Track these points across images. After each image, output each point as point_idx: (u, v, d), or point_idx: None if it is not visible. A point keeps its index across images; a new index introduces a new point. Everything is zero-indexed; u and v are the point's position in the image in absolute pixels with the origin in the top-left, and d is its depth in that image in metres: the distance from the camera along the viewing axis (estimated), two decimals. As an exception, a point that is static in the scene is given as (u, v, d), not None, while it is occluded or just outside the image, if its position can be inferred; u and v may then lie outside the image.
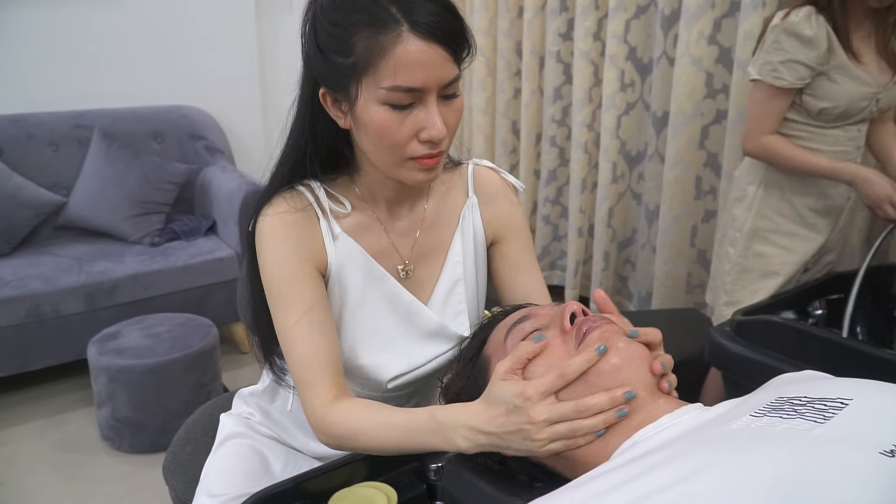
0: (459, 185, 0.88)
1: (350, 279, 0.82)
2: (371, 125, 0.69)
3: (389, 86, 0.66)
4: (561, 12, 2.32)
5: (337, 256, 0.80)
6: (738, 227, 1.46)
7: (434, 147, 0.70)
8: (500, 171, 0.91)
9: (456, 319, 0.87)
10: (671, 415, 0.56)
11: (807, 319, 1.36)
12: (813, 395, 0.49)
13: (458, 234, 0.87)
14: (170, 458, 1.10)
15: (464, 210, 0.87)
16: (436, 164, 0.72)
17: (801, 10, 1.23)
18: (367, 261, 0.82)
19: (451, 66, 0.68)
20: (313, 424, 0.74)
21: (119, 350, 1.81)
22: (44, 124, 2.34)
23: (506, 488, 0.63)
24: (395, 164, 0.72)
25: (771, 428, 0.46)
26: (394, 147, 0.70)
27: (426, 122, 0.68)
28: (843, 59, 1.25)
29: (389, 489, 0.74)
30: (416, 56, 0.65)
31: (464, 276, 0.87)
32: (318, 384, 0.74)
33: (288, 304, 0.76)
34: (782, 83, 1.27)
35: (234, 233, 2.30)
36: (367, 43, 0.66)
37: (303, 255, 0.78)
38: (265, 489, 0.73)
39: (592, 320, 0.62)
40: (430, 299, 0.86)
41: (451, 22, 0.67)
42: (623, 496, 0.44)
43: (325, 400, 0.73)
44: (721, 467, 0.42)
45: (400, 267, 0.84)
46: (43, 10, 2.37)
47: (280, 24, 2.87)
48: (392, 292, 0.83)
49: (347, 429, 0.72)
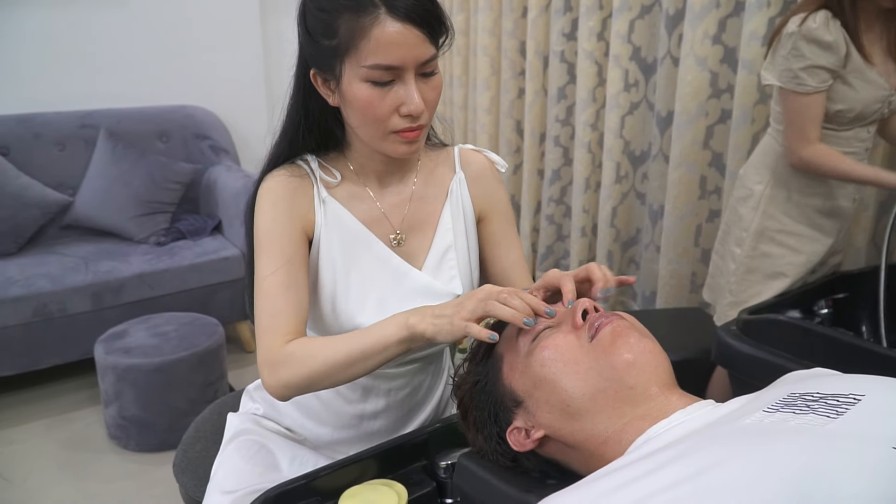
0: (447, 163, 0.94)
1: (336, 243, 0.86)
2: (355, 101, 0.76)
3: (370, 64, 0.72)
4: (565, 12, 2.32)
5: (325, 219, 0.85)
6: (744, 226, 1.46)
7: (414, 121, 0.76)
8: (484, 151, 0.96)
9: (449, 284, 0.90)
10: (684, 411, 0.57)
11: (812, 319, 1.37)
12: (825, 390, 0.50)
13: (448, 206, 0.92)
14: (180, 456, 1.10)
15: (452, 184, 0.93)
16: (417, 137, 0.78)
17: (818, 15, 1.22)
18: (357, 226, 0.87)
19: (428, 46, 0.74)
20: (268, 364, 0.76)
21: (126, 349, 1.82)
22: (50, 124, 2.36)
23: (519, 485, 0.64)
24: (379, 138, 0.78)
25: (784, 423, 0.47)
26: (377, 121, 0.76)
27: (405, 97, 0.75)
28: (859, 63, 1.25)
29: (400, 486, 0.74)
30: (393, 36, 0.72)
31: (454, 243, 0.91)
32: (281, 329, 0.77)
33: (269, 254, 0.81)
34: (806, 89, 1.26)
35: (239, 232, 2.31)
36: (349, 25, 0.72)
37: (292, 216, 0.83)
38: (277, 486, 0.74)
39: (604, 316, 0.63)
40: (422, 267, 0.90)
41: (425, 5, 0.73)
42: (638, 491, 0.44)
43: (286, 340, 0.77)
44: (735, 462, 0.43)
45: (392, 236, 0.89)
46: (49, 10, 2.38)
47: (285, 24, 2.87)
48: (382, 257, 0.87)
49: (304, 349, 0.75)
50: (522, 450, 0.65)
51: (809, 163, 1.31)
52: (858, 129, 1.34)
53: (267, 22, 2.83)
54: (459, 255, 0.91)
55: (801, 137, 1.29)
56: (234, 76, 2.78)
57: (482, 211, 0.95)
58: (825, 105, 1.28)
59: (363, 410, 0.94)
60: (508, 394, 0.66)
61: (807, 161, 1.31)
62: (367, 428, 0.95)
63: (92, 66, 2.50)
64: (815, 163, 1.30)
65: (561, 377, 0.61)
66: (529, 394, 0.64)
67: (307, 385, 0.75)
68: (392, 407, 0.94)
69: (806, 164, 1.32)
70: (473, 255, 0.94)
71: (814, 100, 1.27)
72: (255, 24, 2.79)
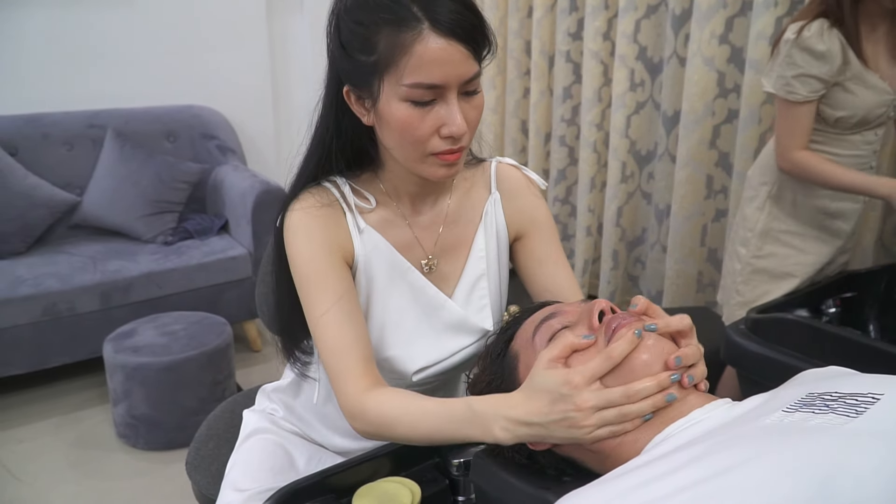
0: (482, 182, 0.90)
1: (375, 272, 0.83)
2: (393, 121, 0.71)
3: (411, 83, 0.68)
4: (571, 12, 2.33)
5: (363, 249, 0.82)
6: (749, 227, 1.46)
7: (455, 143, 0.72)
8: (523, 168, 0.92)
9: (480, 313, 0.88)
10: (701, 409, 0.57)
11: (820, 318, 1.37)
12: (844, 390, 0.50)
13: (482, 229, 0.88)
14: (192, 454, 1.11)
15: (486, 205, 0.88)
16: (457, 160, 0.74)
17: (814, 24, 1.22)
18: (392, 254, 0.83)
19: (472, 63, 0.70)
20: (347, 412, 0.74)
21: (134, 348, 1.83)
22: (58, 124, 2.36)
23: (535, 482, 0.64)
24: (416, 160, 0.74)
25: (805, 423, 0.47)
26: (415, 143, 0.72)
27: (447, 118, 0.70)
28: (859, 69, 1.25)
29: (413, 484, 0.75)
30: (436, 53, 0.67)
31: (487, 271, 0.88)
32: (351, 372, 0.74)
33: (318, 293, 0.77)
34: (796, 97, 1.27)
35: (246, 232, 2.32)
36: (389, 41, 0.68)
37: (331, 248, 0.79)
38: (291, 483, 0.75)
39: (621, 317, 0.63)
40: (453, 293, 0.87)
41: (471, 20, 0.69)
42: (660, 489, 0.44)
43: (359, 387, 0.74)
44: (757, 462, 0.43)
45: (423, 261, 0.86)
46: (57, 11, 2.39)
47: (291, 23, 2.88)
48: (416, 285, 0.85)
49: (383, 415, 0.72)
50: (538, 448, 0.65)
51: (796, 168, 1.32)
52: (865, 132, 1.34)
53: (273, 21, 2.84)
54: (491, 283, 0.88)
55: (788, 143, 1.31)
56: (241, 76, 2.78)
57: (519, 230, 0.90)
58: (814, 115, 1.29)
59: None
60: (524, 392, 0.66)
61: (794, 166, 1.32)
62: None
63: (99, 66, 2.51)
64: (801, 168, 1.31)
65: None
66: (546, 392, 0.64)
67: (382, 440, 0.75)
68: None
69: (793, 169, 1.33)
70: (504, 282, 0.92)
71: (804, 109, 1.28)
72: (261, 23, 2.79)
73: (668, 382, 0.58)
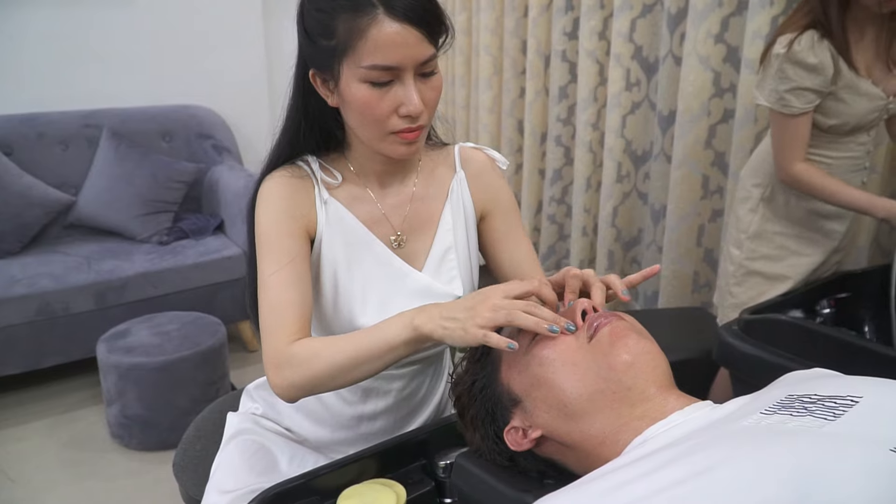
0: (447, 163, 0.94)
1: (340, 244, 0.86)
2: (354, 102, 0.75)
3: (368, 65, 0.72)
4: (566, 11, 2.32)
5: (327, 219, 0.85)
6: (742, 228, 1.46)
7: (413, 121, 0.76)
8: (484, 148, 0.96)
9: (449, 285, 0.90)
10: (681, 412, 0.57)
11: (814, 318, 1.36)
12: (823, 392, 0.50)
13: (448, 205, 0.91)
14: (180, 456, 1.11)
15: (452, 183, 0.92)
16: (416, 138, 0.78)
17: (804, 37, 1.21)
18: (359, 227, 0.86)
19: (426, 46, 0.73)
20: (273, 364, 0.76)
21: (128, 348, 1.83)
22: (54, 123, 2.36)
23: (516, 484, 0.64)
24: (378, 139, 0.78)
25: (782, 425, 0.46)
26: (376, 122, 0.76)
27: (404, 98, 0.74)
28: (850, 79, 1.24)
29: (398, 486, 0.74)
30: (391, 37, 0.71)
31: (455, 243, 0.91)
32: (286, 328, 0.77)
33: (271, 253, 0.81)
34: (792, 110, 1.26)
35: (241, 231, 2.32)
36: (347, 26, 0.72)
37: (294, 215, 0.82)
38: (276, 485, 0.74)
39: (603, 316, 0.63)
40: (423, 268, 0.89)
41: (423, 4, 0.72)
42: (636, 491, 0.44)
43: (289, 339, 0.76)
44: (733, 463, 0.43)
45: (392, 237, 0.89)
46: (53, 10, 2.39)
47: (287, 24, 2.87)
48: (382, 257, 0.87)
49: (308, 350, 0.74)
50: (520, 449, 0.65)
51: (796, 182, 1.32)
52: (858, 134, 1.33)
53: (269, 22, 2.84)
54: (460, 255, 0.91)
55: (787, 156, 1.31)
56: (237, 76, 2.78)
57: (484, 209, 0.94)
58: (811, 124, 1.29)
59: (362, 412, 0.94)
60: (506, 393, 0.66)
61: (794, 180, 1.32)
62: (366, 429, 0.95)
63: (95, 65, 2.51)
64: (801, 182, 1.31)
65: (559, 377, 0.61)
66: (527, 393, 0.64)
67: (312, 387, 0.75)
68: (391, 408, 0.94)
69: (793, 182, 1.33)
70: (474, 255, 0.94)
71: (800, 121, 1.27)
72: (257, 24, 2.79)
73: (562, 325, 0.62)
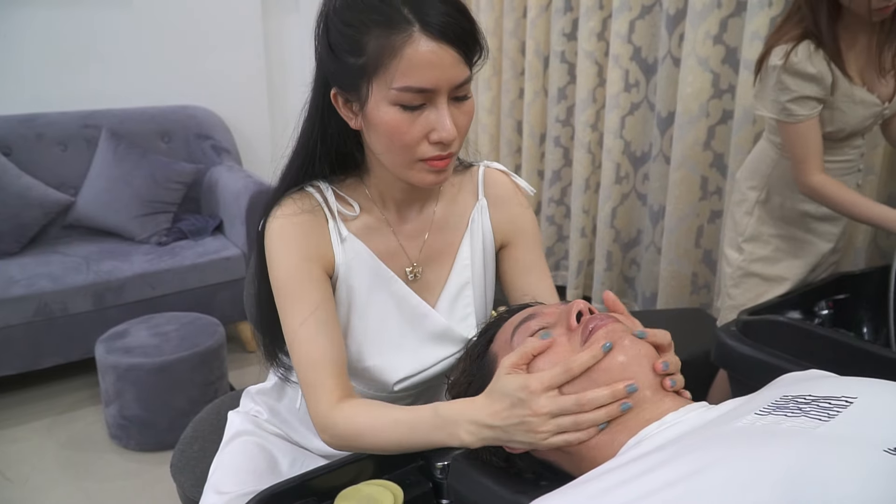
0: (469, 188, 0.88)
1: (357, 281, 0.82)
2: (382, 126, 0.69)
3: (400, 86, 0.66)
4: (565, 12, 2.32)
5: (345, 258, 0.81)
6: (739, 231, 1.46)
7: (444, 149, 0.70)
8: (511, 174, 0.91)
9: (463, 322, 0.87)
10: (676, 413, 0.57)
11: (813, 320, 1.36)
12: (818, 393, 0.50)
13: (468, 236, 0.87)
14: (178, 456, 1.10)
15: (473, 213, 0.87)
16: (446, 167, 0.72)
17: (800, 48, 1.21)
18: (375, 262, 0.82)
19: (462, 68, 0.68)
20: (317, 425, 0.74)
21: (127, 349, 1.83)
22: (52, 124, 2.36)
23: (511, 486, 0.64)
24: (404, 166, 0.72)
25: (776, 426, 0.46)
26: (404, 148, 0.70)
27: (436, 123, 0.68)
28: (846, 87, 1.24)
29: (396, 487, 0.74)
30: (427, 57, 0.65)
31: (472, 279, 0.87)
32: (322, 385, 0.74)
33: (294, 304, 0.77)
34: (798, 118, 1.26)
35: (240, 232, 2.32)
36: (378, 43, 0.66)
37: (310, 257, 0.78)
38: (272, 486, 0.74)
39: (599, 318, 0.63)
40: (437, 302, 0.86)
41: (462, 23, 0.67)
42: (629, 493, 0.44)
43: (329, 401, 0.73)
44: (727, 464, 0.43)
45: (408, 269, 0.85)
46: (52, 10, 2.39)
47: (286, 23, 2.88)
48: (399, 294, 0.84)
49: (351, 427, 0.72)
50: (515, 451, 0.65)
51: (815, 194, 1.30)
52: (853, 138, 1.33)
53: (268, 22, 2.84)
54: (476, 292, 0.87)
55: (805, 168, 1.28)
56: (236, 76, 2.78)
57: (505, 238, 0.89)
58: (820, 130, 1.27)
59: None
60: (502, 395, 0.66)
61: (813, 191, 1.30)
62: None
63: (94, 66, 2.51)
64: (820, 194, 1.29)
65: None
66: (523, 395, 0.64)
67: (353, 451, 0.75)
68: None
69: (812, 194, 1.31)
70: (490, 290, 0.91)
71: (808, 126, 1.27)
72: (256, 24, 2.79)
73: (623, 393, 0.58)
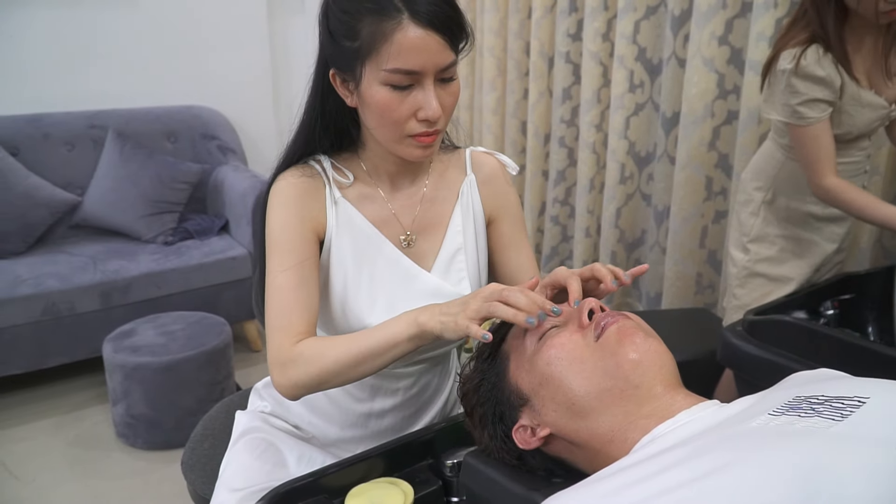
0: (458, 165, 0.95)
1: (349, 244, 0.87)
2: (374, 103, 0.76)
3: (390, 68, 0.73)
4: (570, 13, 2.32)
5: (336, 220, 0.86)
6: (744, 231, 1.47)
7: (430, 126, 0.77)
8: (496, 153, 0.97)
9: (458, 286, 0.90)
10: (689, 411, 0.57)
11: (818, 319, 1.36)
12: (830, 393, 0.50)
13: (458, 207, 0.93)
14: (188, 454, 1.11)
15: (462, 186, 0.93)
16: (432, 142, 0.79)
17: (809, 52, 1.22)
18: (368, 227, 0.87)
19: (448, 52, 0.75)
20: (278, 363, 0.77)
21: (134, 348, 1.84)
22: (59, 124, 2.37)
23: (524, 483, 0.64)
24: (395, 140, 0.79)
25: (790, 426, 0.47)
26: (394, 124, 0.77)
27: (423, 102, 0.75)
28: (854, 90, 1.24)
29: (406, 485, 0.75)
30: (415, 42, 0.72)
31: (464, 245, 0.92)
32: (293, 328, 0.78)
33: (279, 254, 0.82)
34: (809, 121, 1.26)
35: (246, 232, 2.32)
36: (371, 29, 0.73)
37: (304, 216, 0.84)
38: (285, 483, 0.75)
39: (610, 315, 0.63)
40: (432, 268, 0.90)
41: (447, 12, 0.74)
42: (643, 492, 0.44)
43: (295, 339, 0.77)
44: (742, 465, 0.43)
45: (402, 237, 0.90)
46: (58, 10, 2.40)
47: (292, 24, 2.89)
48: (392, 258, 0.88)
49: (314, 349, 0.76)
50: (528, 448, 0.65)
51: (829, 196, 1.29)
52: (860, 140, 1.34)
53: (274, 22, 2.85)
54: (469, 257, 0.92)
55: (818, 170, 1.28)
56: (242, 76, 2.79)
57: (492, 213, 0.95)
58: (831, 132, 1.27)
59: (371, 409, 0.94)
60: (514, 392, 0.67)
61: (826, 194, 1.29)
62: (374, 427, 0.95)
63: (101, 66, 2.52)
64: (833, 197, 1.28)
65: (567, 376, 0.62)
66: (535, 392, 0.65)
67: (317, 384, 0.76)
68: (399, 406, 0.95)
69: (826, 197, 1.30)
70: (482, 257, 0.95)
71: (819, 128, 1.27)
72: (262, 24, 2.80)
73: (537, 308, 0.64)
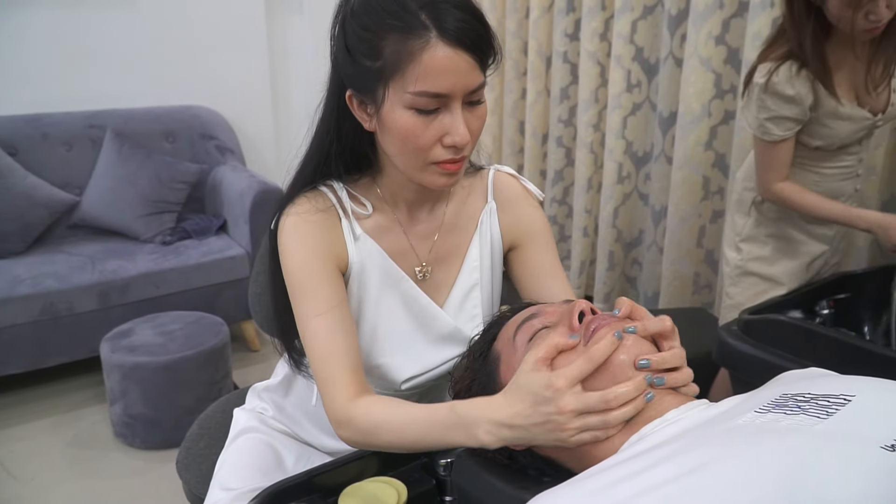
0: (479, 190, 0.90)
1: (368, 279, 0.83)
2: (396, 129, 0.71)
3: (416, 91, 0.68)
4: (568, 13, 2.33)
5: (359, 256, 0.82)
6: (737, 231, 1.48)
7: (457, 152, 0.72)
8: (521, 178, 0.92)
9: (471, 323, 0.88)
10: (677, 410, 0.57)
11: (814, 319, 1.36)
12: (817, 391, 0.50)
13: (476, 238, 0.88)
14: (183, 453, 1.11)
15: (482, 215, 0.88)
16: (458, 170, 0.74)
17: (782, 69, 1.22)
18: (386, 261, 0.83)
19: (477, 74, 0.70)
20: (333, 420, 0.74)
21: (132, 347, 1.84)
22: (58, 124, 2.38)
23: (515, 482, 0.65)
24: (417, 168, 0.74)
25: (775, 423, 0.47)
26: (417, 151, 0.71)
27: (450, 127, 0.70)
28: (832, 106, 1.25)
29: (400, 484, 0.75)
30: (443, 62, 0.67)
31: (480, 280, 0.88)
32: (339, 380, 0.74)
33: (309, 300, 0.77)
34: (773, 137, 1.28)
35: (244, 232, 2.33)
36: (395, 48, 0.67)
37: (324, 254, 0.79)
38: (278, 483, 0.75)
39: (601, 318, 0.63)
40: (445, 302, 0.87)
41: (478, 29, 0.69)
42: (630, 488, 0.45)
43: (346, 395, 0.73)
44: (726, 462, 0.43)
45: (417, 269, 0.86)
46: (56, 11, 2.41)
47: (290, 24, 2.89)
48: (409, 294, 0.84)
49: (368, 423, 0.72)
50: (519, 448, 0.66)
51: (778, 199, 1.35)
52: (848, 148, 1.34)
53: (272, 22, 2.85)
54: (484, 294, 0.88)
55: (769, 178, 1.33)
56: (240, 76, 2.79)
57: (514, 240, 0.90)
58: (793, 148, 1.31)
59: None
60: (505, 392, 0.67)
61: (776, 197, 1.35)
62: None
63: (99, 66, 2.52)
64: (782, 199, 1.34)
65: None
66: (526, 393, 0.64)
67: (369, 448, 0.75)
68: None
69: (775, 200, 1.36)
70: (497, 290, 0.92)
71: (781, 147, 1.30)
72: (260, 24, 2.80)
73: (645, 385, 0.58)
